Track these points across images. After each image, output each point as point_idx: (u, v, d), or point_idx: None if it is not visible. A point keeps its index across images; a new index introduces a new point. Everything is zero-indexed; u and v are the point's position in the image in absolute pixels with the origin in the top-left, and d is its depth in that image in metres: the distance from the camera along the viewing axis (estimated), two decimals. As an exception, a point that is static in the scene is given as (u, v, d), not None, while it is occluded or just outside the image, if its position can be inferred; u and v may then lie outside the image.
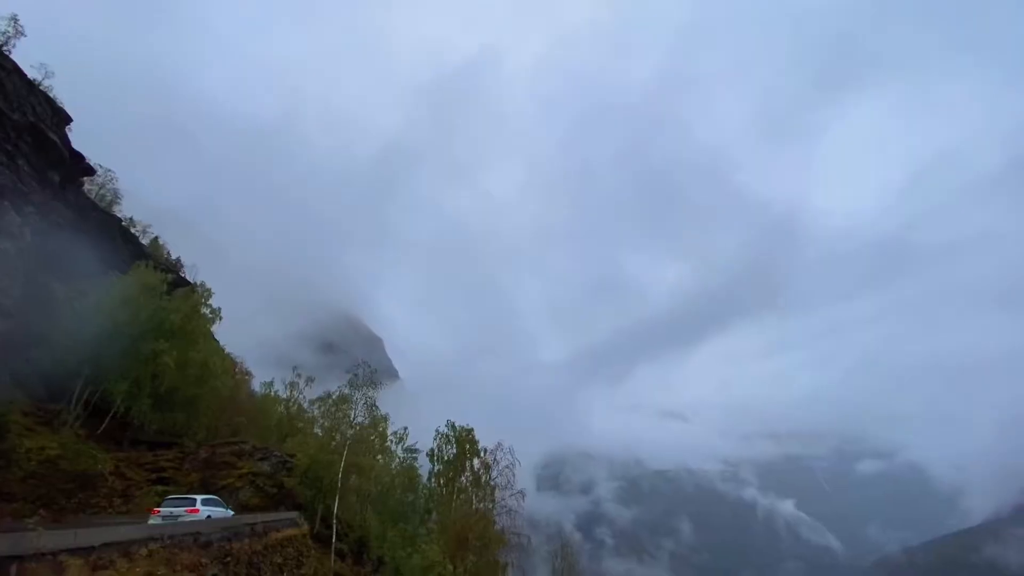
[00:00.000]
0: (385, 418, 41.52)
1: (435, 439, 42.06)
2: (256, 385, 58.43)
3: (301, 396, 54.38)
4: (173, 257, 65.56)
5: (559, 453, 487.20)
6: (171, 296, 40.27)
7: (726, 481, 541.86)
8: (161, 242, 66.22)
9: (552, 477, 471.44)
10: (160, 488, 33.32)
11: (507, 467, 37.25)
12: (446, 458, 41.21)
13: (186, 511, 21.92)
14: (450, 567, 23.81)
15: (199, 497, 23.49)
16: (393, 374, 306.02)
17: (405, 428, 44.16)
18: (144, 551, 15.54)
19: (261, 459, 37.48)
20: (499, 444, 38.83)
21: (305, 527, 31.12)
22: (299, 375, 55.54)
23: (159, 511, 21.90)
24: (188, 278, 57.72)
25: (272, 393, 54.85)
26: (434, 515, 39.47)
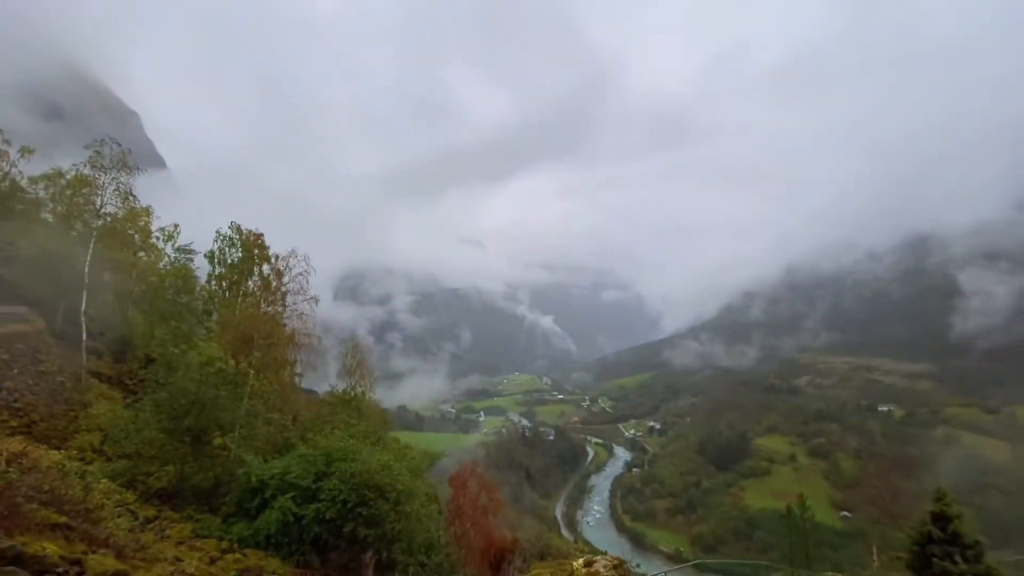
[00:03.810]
0: (147, 211, 35.38)
1: (216, 241, 37.82)
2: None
3: (15, 170, 41.52)
4: None
5: (360, 267, 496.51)
6: None
7: (506, 300, 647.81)
8: None
9: (351, 289, 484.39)
10: None
11: (300, 274, 36.26)
12: (230, 261, 37.96)
13: None
14: (232, 362, 23.96)
15: None
16: (157, 161, 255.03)
17: (176, 225, 38.49)
18: None
19: (-43, 243, 29.23)
20: (293, 251, 37.06)
21: (40, 324, 26.83)
22: (7, 142, 41.54)
23: None
24: None
25: (-38, 160, 40.45)
26: (215, 316, 37.61)
